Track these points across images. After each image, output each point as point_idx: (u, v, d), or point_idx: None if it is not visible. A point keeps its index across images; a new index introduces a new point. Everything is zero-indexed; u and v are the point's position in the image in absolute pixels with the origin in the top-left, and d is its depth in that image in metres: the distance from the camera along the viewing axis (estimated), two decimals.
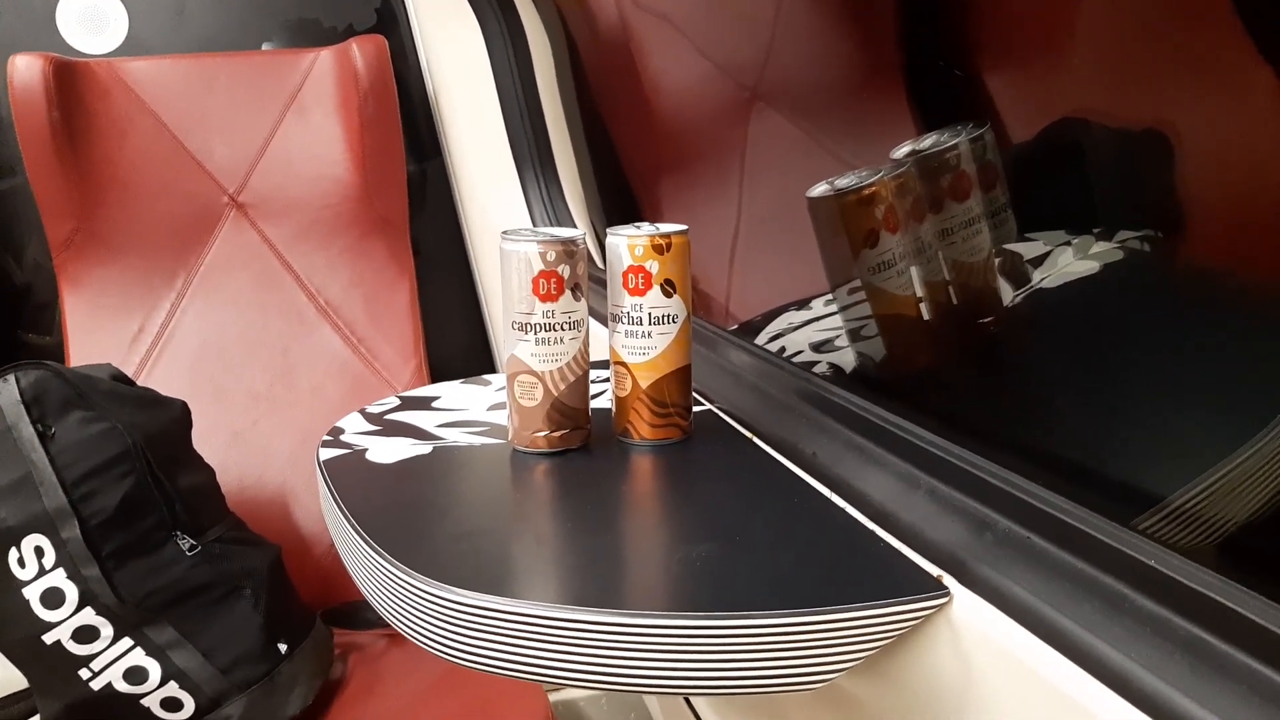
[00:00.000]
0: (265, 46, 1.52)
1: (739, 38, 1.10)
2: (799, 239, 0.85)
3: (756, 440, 0.78)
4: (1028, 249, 0.73)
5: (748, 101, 1.12)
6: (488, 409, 0.86)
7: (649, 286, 0.74)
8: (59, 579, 1.00)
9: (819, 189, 0.79)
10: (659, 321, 0.74)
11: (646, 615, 0.54)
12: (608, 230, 0.76)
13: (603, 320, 0.79)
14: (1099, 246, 0.67)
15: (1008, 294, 0.75)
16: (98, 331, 1.37)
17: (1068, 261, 0.69)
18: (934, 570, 0.56)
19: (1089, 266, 0.67)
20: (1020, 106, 0.73)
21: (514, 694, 1.11)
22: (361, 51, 1.39)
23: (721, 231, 1.13)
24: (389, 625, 0.62)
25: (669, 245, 0.74)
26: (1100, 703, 0.45)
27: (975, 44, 0.76)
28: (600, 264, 1.28)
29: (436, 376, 1.43)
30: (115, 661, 1.02)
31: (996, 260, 0.74)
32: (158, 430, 1.09)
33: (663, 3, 1.28)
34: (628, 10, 1.33)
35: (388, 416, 0.86)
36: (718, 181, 1.18)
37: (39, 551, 1.00)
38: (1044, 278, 0.71)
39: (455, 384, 0.94)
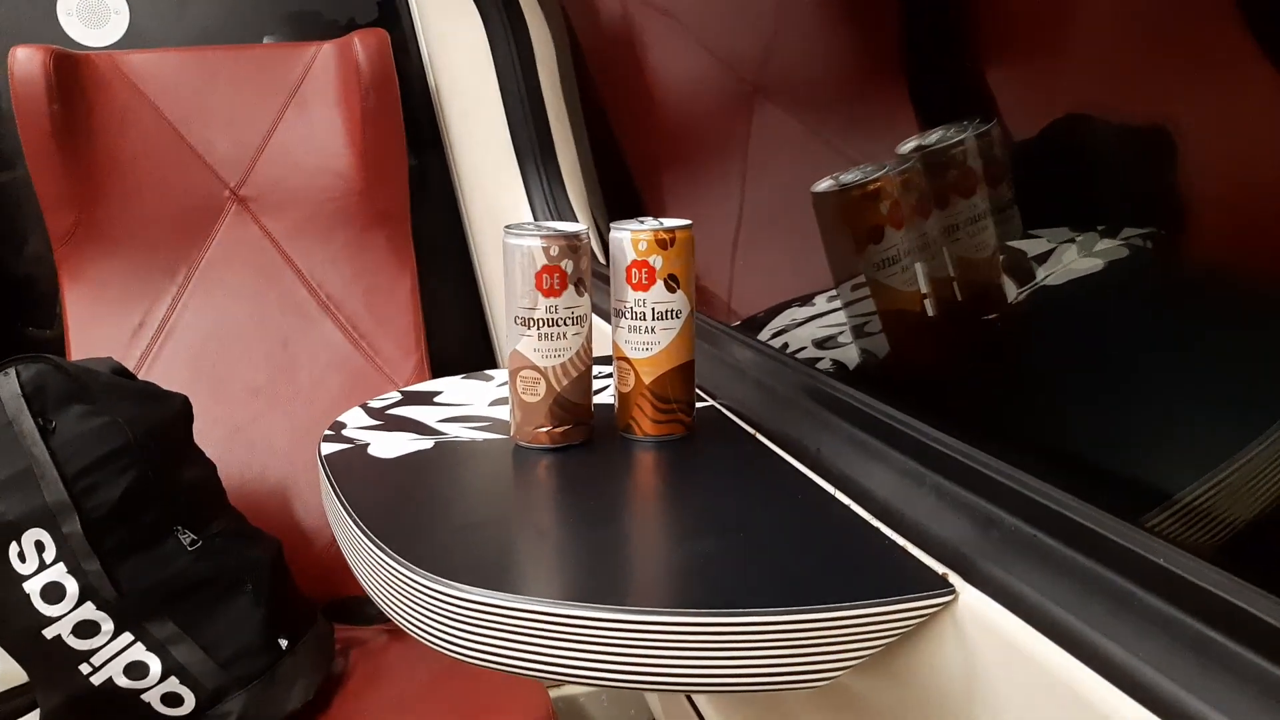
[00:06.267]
0: (266, 40, 1.51)
1: (741, 30, 1.10)
2: (802, 234, 0.85)
3: (760, 436, 0.78)
4: (1032, 246, 0.72)
5: (750, 94, 1.11)
6: (490, 404, 0.86)
7: (652, 281, 0.74)
8: (59, 573, 0.99)
9: (824, 184, 0.79)
10: (662, 317, 0.74)
11: (649, 612, 0.54)
12: (611, 225, 0.75)
13: (605, 315, 0.78)
14: (1103, 244, 0.66)
15: (1012, 291, 0.74)
16: (99, 325, 1.36)
17: (1072, 259, 0.68)
18: (939, 568, 0.56)
19: (1093, 264, 0.67)
20: (1024, 102, 0.73)
21: (515, 690, 1.11)
22: (363, 45, 1.38)
23: (724, 226, 1.13)
24: (390, 620, 0.62)
25: (673, 240, 0.73)
26: (1108, 701, 0.45)
27: (979, 38, 0.75)
28: (602, 259, 1.28)
29: (437, 370, 1.42)
30: (116, 656, 1.01)
31: (1001, 257, 0.74)
32: (158, 424, 1.08)
33: None
34: (630, 3, 1.33)
35: (389, 411, 0.85)
36: (720, 175, 1.18)
37: (39, 546, 0.99)
38: (1048, 275, 0.71)
39: (457, 379, 0.93)
